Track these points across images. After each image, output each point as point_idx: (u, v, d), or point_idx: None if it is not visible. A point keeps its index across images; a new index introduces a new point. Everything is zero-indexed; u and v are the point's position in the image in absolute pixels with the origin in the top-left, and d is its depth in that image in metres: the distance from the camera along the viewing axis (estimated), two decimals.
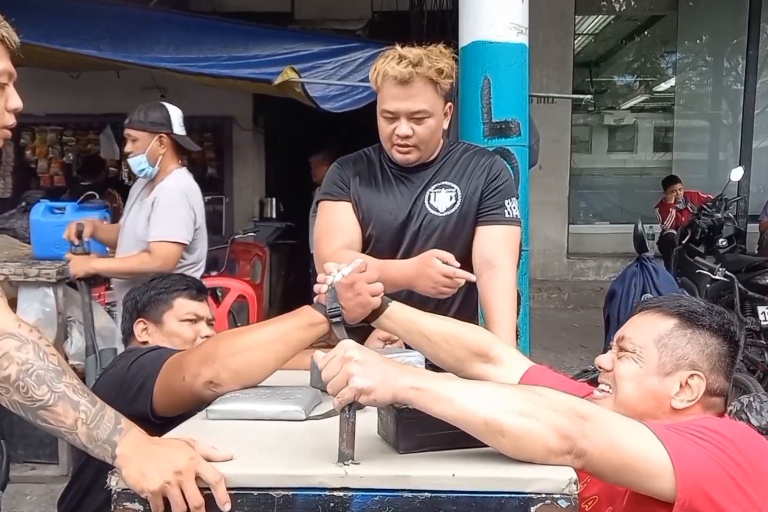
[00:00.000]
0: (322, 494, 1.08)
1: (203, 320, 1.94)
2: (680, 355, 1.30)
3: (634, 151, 9.43)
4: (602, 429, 1.12)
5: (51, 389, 1.08)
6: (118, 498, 1.09)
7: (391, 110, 1.93)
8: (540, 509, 1.06)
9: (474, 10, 3.18)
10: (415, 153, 1.98)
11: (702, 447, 1.14)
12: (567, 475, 1.08)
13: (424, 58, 1.88)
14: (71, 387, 1.09)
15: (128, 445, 1.09)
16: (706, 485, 1.12)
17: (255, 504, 1.09)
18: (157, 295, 1.91)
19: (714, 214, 5.62)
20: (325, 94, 4.71)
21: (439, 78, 1.90)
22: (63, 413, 1.08)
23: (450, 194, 2.02)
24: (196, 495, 1.06)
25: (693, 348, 1.30)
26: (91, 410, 1.09)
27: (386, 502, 1.08)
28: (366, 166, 2.09)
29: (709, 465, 1.13)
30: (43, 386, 1.08)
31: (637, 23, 9.07)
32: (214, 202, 7.63)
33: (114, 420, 1.11)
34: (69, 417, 1.08)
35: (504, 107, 3.11)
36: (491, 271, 1.95)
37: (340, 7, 6.82)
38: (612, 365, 1.35)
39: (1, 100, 1.28)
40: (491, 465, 1.11)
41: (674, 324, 1.32)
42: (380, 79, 1.92)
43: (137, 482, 1.06)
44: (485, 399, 1.11)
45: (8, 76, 1.28)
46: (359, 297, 1.44)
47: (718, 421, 1.24)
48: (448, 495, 1.07)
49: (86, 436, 1.09)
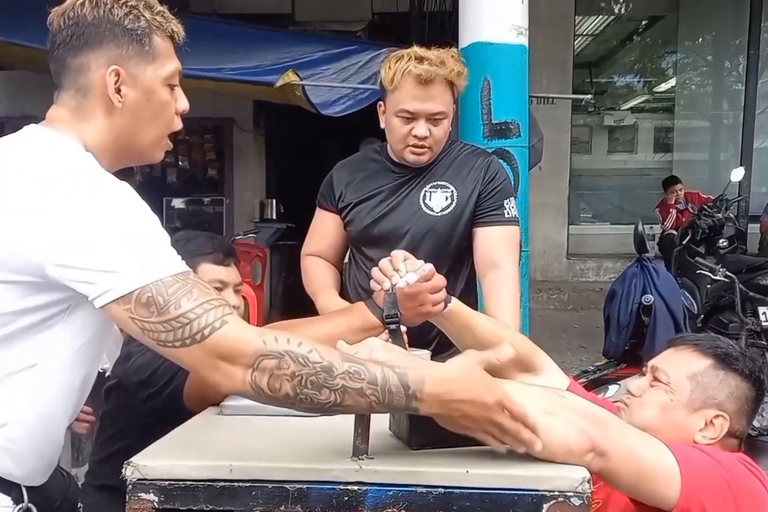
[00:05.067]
0: (336, 488, 1.08)
1: (230, 287, 1.79)
2: (710, 394, 1.36)
3: (635, 151, 9.43)
4: (621, 434, 1.16)
5: (332, 389, 1.01)
6: (133, 488, 1.09)
7: (411, 110, 1.90)
8: (553, 506, 1.06)
9: (474, 11, 3.19)
10: (429, 154, 1.97)
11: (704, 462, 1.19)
12: (580, 474, 1.08)
13: (445, 59, 1.87)
14: (347, 376, 1.00)
15: (428, 407, 1.03)
16: (705, 496, 1.17)
17: (269, 496, 1.09)
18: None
19: (714, 215, 5.62)
20: (326, 100, 4.71)
21: (457, 80, 1.90)
22: (355, 404, 1.02)
23: (446, 194, 2.02)
24: (517, 430, 1.05)
25: (723, 389, 1.36)
26: (377, 390, 1.01)
27: (400, 497, 1.08)
28: (365, 166, 2.09)
29: (710, 479, 1.18)
30: (323, 389, 1.01)
31: (637, 24, 9.08)
32: (215, 203, 7.64)
33: (402, 388, 1.02)
34: (362, 404, 1.02)
35: (504, 108, 3.12)
36: (494, 272, 1.96)
37: (340, 8, 6.83)
38: (640, 392, 1.41)
39: (173, 103, 1.21)
40: (505, 463, 1.12)
41: (709, 364, 1.38)
42: (399, 77, 1.88)
43: (456, 427, 1.06)
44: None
45: (179, 76, 1.22)
46: (422, 308, 1.39)
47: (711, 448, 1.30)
48: (461, 491, 1.08)
49: (388, 409, 1.05)
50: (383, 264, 1.39)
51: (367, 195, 2.05)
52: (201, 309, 1.01)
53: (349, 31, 6.54)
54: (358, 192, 2.06)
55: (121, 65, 1.14)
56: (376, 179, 2.06)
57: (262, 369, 1.00)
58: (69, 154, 1.12)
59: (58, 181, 1.06)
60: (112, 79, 1.14)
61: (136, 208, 1.09)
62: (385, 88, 1.94)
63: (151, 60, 1.17)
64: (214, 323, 1.01)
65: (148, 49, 1.16)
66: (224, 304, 1.04)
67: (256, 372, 1.00)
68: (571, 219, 8.34)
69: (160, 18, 1.18)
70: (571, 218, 8.34)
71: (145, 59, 1.16)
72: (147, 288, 1.00)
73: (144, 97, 1.17)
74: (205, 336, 1.00)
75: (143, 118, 1.18)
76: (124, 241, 1.03)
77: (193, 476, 1.09)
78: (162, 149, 1.26)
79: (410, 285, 1.34)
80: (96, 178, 1.09)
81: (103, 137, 1.17)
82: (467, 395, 1.03)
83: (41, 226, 1.03)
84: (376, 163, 2.09)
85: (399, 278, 1.34)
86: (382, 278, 1.37)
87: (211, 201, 7.70)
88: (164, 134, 1.23)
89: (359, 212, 2.05)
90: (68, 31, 1.14)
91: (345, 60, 4.94)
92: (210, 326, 1.00)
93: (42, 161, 1.10)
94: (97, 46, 1.14)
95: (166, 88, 1.20)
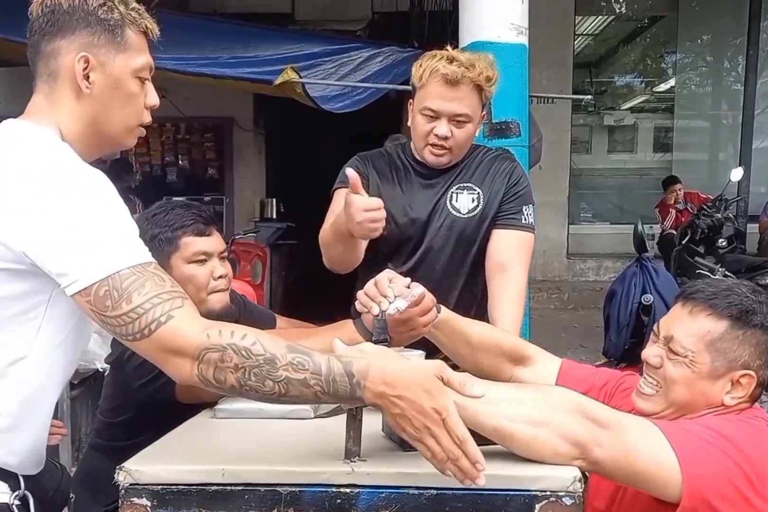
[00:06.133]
0: (329, 490, 1.09)
1: (214, 256, 1.74)
2: (733, 358, 1.31)
3: (634, 151, 9.44)
4: (618, 438, 1.14)
5: (275, 381, 1.03)
6: (126, 493, 1.10)
7: (434, 109, 1.89)
8: (545, 506, 1.07)
9: (474, 11, 3.19)
10: (449, 156, 1.95)
11: (711, 455, 1.16)
12: (572, 474, 1.09)
13: (476, 63, 1.86)
14: (290, 367, 1.02)
15: (372, 396, 1.04)
16: (710, 494, 1.15)
17: (262, 499, 1.10)
18: (160, 234, 1.70)
19: (714, 215, 5.62)
20: (326, 94, 4.72)
21: (486, 85, 1.88)
22: (300, 394, 1.04)
23: (472, 196, 2.00)
24: (451, 449, 1.03)
25: (745, 349, 1.31)
26: (321, 380, 1.03)
27: (392, 499, 1.09)
28: (387, 162, 2.07)
29: (716, 473, 1.16)
30: (266, 381, 1.03)
31: (637, 24, 9.08)
32: (215, 202, 7.64)
33: (346, 377, 1.04)
34: (308, 394, 1.04)
35: (504, 108, 3.12)
36: (502, 275, 1.94)
37: (340, 7, 6.83)
38: (661, 363, 1.34)
39: (142, 96, 1.24)
40: (497, 463, 1.12)
41: (726, 327, 1.31)
42: (427, 76, 1.87)
43: (394, 427, 1.06)
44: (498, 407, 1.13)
45: (149, 71, 1.25)
46: (412, 332, 1.38)
47: (733, 426, 1.25)
48: (453, 493, 1.08)
49: (333, 399, 1.06)
50: (369, 289, 1.35)
51: (393, 194, 2.01)
52: (149, 304, 1.04)
53: (349, 30, 6.53)
54: (386, 186, 2.02)
55: (91, 52, 1.18)
56: (402, 177, 2.04)
57: (206, 361, 1.03)
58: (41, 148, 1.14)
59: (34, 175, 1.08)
60: (81, 65, 1.18)
61: (106, 200, 1.11)
62: (414, 84, 1.94)
63: (122, 50, 1.20)
64: (160, 318, 1.04)
65: (120, 40, 1.20)
66: (175, 297, 1.06)
67: (202, 365, 1.03)
68: (571, 218, 8.34)
69: (135, 13, 1.22)
70: (571, 218, 8.34)
71: (115, 49, 1.20)
72: (105, 282, 1.04)
73: (112, 85, 1.20)
74: (152, 330, 1.04)
75: (111, 106, 1.21)
76: (92, 234, 1.06)
77: (185, 480, 1.10)
78: (134, 136, 1.28)
79: (401, 311, 1.31)
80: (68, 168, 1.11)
81: (75, 123, 1.20)
82: (407, 393, 1.03)
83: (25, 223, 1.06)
84: (400, 161, 2.07)
85: (388, 304, 1.31)
86: (369, 303, 1.34)
87: (211, 200, 7.69)
88: (134, 124, 1.26)
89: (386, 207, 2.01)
90: (44, 18, 1.18)
91: (344, 55, 4.95)
92: (156, 321, 1.04)
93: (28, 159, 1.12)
94: (69, 33, 1.18)
95: (136, 80, 1.23)
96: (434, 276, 1.97)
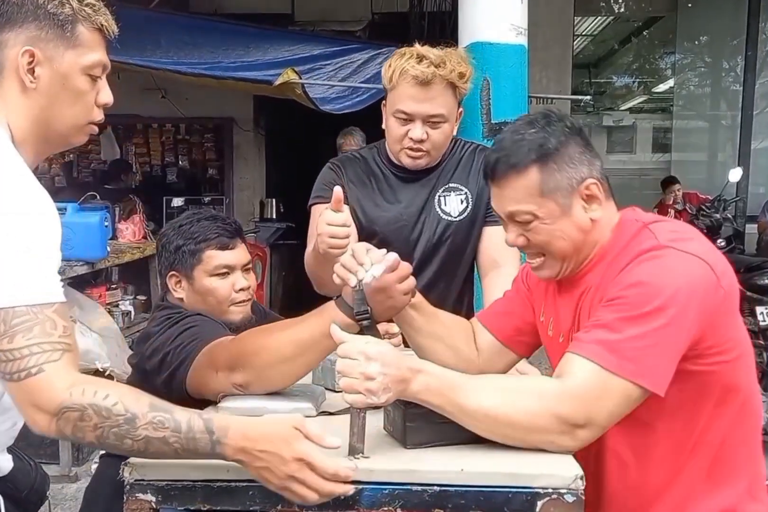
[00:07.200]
0: None
1: (237, 269, 1.76)
2: (565, 186, 1.30)
3: (633, 151, 9.44)
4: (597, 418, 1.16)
5: (133, 439, 1.05)
6: (131, 489, 1.11)
7: (407, 111, 1.82)
8: (546, 504, 1.08)
9: (473, 12, 3.20)
10: (426, 158, 1.90)
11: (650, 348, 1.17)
12: (573, 471, 1.10)
13: (446, 59, 1.79)
14: (150, 426, 1.05)
15: (233, 452, 1.07)
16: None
17: (266, 495, 1.11)
18: (184, 246, 1.73)
19: (712, 215, 5.63)
20: (326, 96, 4.73)
21: (459, 82, 1.82)
22: (158, 451, 1.06)
23: (460, 197, 1.95)
24: (321, 487, 1.06)
25: (568, 170, 1.30)
26: (181, 437, 1.06)
27: (395, 496, 1.10)
28: (362, 168, 2.00)
29: (669, 363, 1.18)
30: (125, 440, 1.05)
31: (636, 24, 9.08)
32: (215, 202, 7.63)
33: (206, 434, 1.06)
34: (168, 452, 1.06)
35: (503, 108, 3.13)
36: (496, 271, 1.92)
37: (340, 8, 6.83)
38: (526, 242, 1.34)
39: (92, 94, 1.22)
40: (498, 461, 1.14)
41: (537, 171, 1.29)
42: (397, 77, 1.81)
43: (258, 480, 1.08)
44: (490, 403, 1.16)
45: (102, 69, 1.23)
46: (391, 301, 1.35)
47: (658, 269, 1.21)
48: (456, 490, 1.09)
49: (193, 456, 1.08)
50: (346, 260, 1.34)
51: (376, 200, 1.96)
52: (27, 351, 1.04)
53: (348, 30, 6.54)
54: (367, 196, 1.97)
55: (37, 47, 1.16)
56: (382, 183, 1.98)
57: (65, 419, 1.04)
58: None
59: None
60: (25, 59, 1.16)
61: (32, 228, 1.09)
62: (385, 86, 1.88)
63: (72, 47, 1.18)
64: (31, 368, 1.04)
65: (70, 36, 1.18)
66: (56, 349, 1.06)
67: (60, 422, 1.04)
68: None
69: (89, 9, 1.20)
70: None
71: (64, 44, 1.18)
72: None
73: (60, 81, 1.19)
74: (21, 378, 1.04)
75: (59, 102, 1.19)
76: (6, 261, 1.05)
77: (190, 476, 1.11)
78: (85, 134, 1.26)
79: (377, 278, 1.29)
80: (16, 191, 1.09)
81: (23, 118, 1.19)
82: (269, 446, 1.06)
83: None
84: (376, 165, 2.00)
85: (365, 272, 1.29)
86: (346, 275, 1.32)
87: (211, 200, 7.69)
88: (82, 122, 1.23)
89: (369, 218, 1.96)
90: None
91: (344, 57, 4.95)
92: (27, 370, 1.04)
93: None
94: (17, 26, 1.16)
95: (85, 77, 1.21)
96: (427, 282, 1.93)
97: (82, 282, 4.09)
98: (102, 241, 3.86)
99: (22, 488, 1.37)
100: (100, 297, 4.28)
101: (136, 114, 7.25)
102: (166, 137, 7.72)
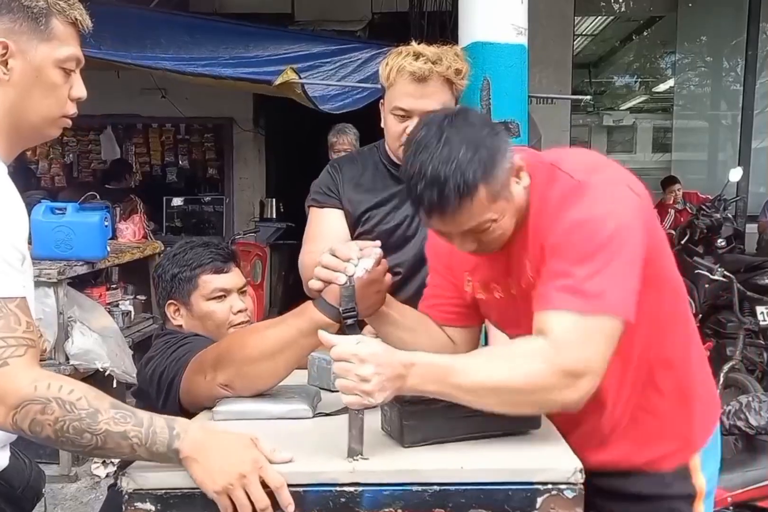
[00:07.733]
0: (332, 490, 1.10)
1: (233, 292, 1.79)
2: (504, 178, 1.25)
3: (633, 151, 9.45)
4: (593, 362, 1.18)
5: (93, 433, 1.06)
6: (129, 498, 1.10)
7: (405, 108, 1.84)
8: (546, 500, 1.08)
9: (473, 11, 3.19)
10: None
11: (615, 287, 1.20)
12: (572, 465, 1.10)
13: (443, 56, 1.81)
14: (111, 421, 1.07)
15: (190, 448, 1.08)
16: None
17: None
18: (180, 274, 1.77)
19: (713, 215, 5.62)
20: (325, 95, 4.72)
21: (456, 78, 1.84)
22: (116, 447, 1.07)
23: None
24: (262, 498, 1.07)
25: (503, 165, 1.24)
26: (141, 431, 1.07)
27: (396, 496, 1.09)
28: (361, 168, 2.01)
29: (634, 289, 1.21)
30: (84, 434, 1.06)
31: (636, 24, 9.08)
32: (215, 202, 7.64)
33: (167, 429, 1.09)
34: (124, 447, 1.07)
35: (503, 108, 3.12)
36: None
37: (340, 8, 6.83)
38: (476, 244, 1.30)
39: (65, 88, 1.22)
40: (498, 457, 1.14)
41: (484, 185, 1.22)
42: (394, 74, 1.83)
43: (202, 483, 1.08)
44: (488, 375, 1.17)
45: (76, 63, 1.23)
46: (379, 295, 1.35)
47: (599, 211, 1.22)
48: (456, 488, 1.09)
49: (148, 454, 1.09)
50: (329, 261, 1.30)
51: (375, 201, 1.97)
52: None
53: (348, 30, 6.53)
54: (366, 197, 1.98)
55: (11, 39, 1.16)
56: (381, 182, 1.99)
57: (24, 412, 1.05)
58: None
59: None
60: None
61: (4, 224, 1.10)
62: (383, 84, 1.90)
63: (46, 40, 1.18)
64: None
65: (44, 29, 1.18)
66: (20, 344, 1.07)
67: (18, 415, 1.05)
68: None
69: (63, 3, 1.20)
70: None
71: (38, 37, 1.18)
72: None
73: (33, 74, 1.18)
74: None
75: (32, 95, 1.19)
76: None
77: (189, 484, 1.10)
78: (58, 127, 1.26)
79: (369, 271, 1.28)
80: None
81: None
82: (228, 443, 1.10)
83: None
84: (375, 164, 2.01)
85: (354, 268, 1.27)
86: (332, 275, 1.29)
87: (211, 200, 7.70)
88: (56, 115, 1.23)
89: (369, 219, 1.97)
90: None
91: (344, 56, 4.95)
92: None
93: None
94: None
95: (59, 71, 1.21)
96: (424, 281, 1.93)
97: (82, 282, 4.09)
98: (102, 241, 3.85)
99: (17, 485, 1.37)
100: (100, 297, 4.27)
101: (136, 114, 7.25)
102: (166, 137, 7.73)
